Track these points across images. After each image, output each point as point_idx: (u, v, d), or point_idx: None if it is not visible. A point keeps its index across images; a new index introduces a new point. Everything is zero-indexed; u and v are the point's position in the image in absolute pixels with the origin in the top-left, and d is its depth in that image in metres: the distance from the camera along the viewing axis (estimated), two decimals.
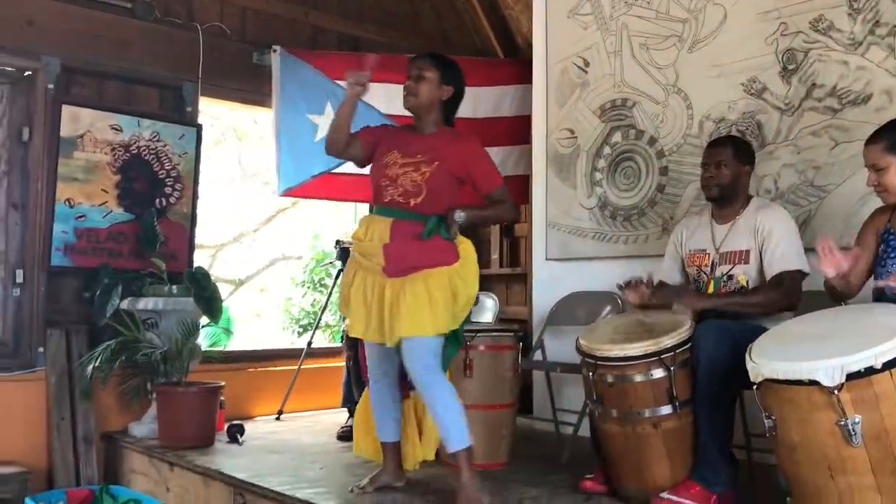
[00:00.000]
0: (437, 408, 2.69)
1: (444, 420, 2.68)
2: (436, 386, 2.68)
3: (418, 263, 2.70)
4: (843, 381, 2.04)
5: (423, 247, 2.72)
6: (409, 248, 2.72)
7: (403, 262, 2.71)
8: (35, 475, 3.71)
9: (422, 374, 2.67)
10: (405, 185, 2.76)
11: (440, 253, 2.72)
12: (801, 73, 3.40)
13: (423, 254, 2.71)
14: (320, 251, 9.03)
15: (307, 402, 4.78)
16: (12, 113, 3.94)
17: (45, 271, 3.97)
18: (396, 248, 2.72)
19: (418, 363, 2.66)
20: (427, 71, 2.79)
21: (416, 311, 2.64)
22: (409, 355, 2.67)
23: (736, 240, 2.94)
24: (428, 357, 2.68)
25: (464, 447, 2.65)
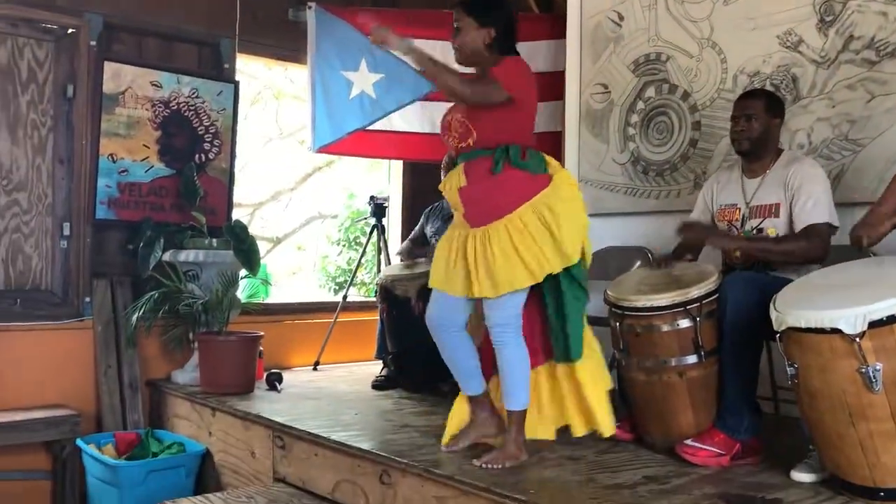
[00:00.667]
0: (506, 367, 2.64)
1: (509, 380, 2.64)
2: (510, 346, 2.62)
3: (498, 205, 2.56)
4: (865, 328, 2.08)
5: (500, 183, 2.58)
6: (484, 188, 2.60)
7: (481, 203, 2.60)
8: (85, 418, 3.88)
9: (500, 332, 2.61)
10: (456, 129, 2.67)
11: (519, 185, 2.58)
12: (838, 24, 3.36)
13: (500, 191, 2.57)
14: (355, 210, 9.14)
15: (342, 354, 4.90)
16: (57, 70, 4.05)
17: (91, 224, 4.11)
18: (472, 190, 2.63)
19: (500, 317, 2.59)
20: (460, 21, 2.68)
21: (506, 267, 2.51)
22: (492, 312, 2.60)
23: (766, 193, 2.95)
24: (507, 314, 2.60)
25: (520, 409, 2.65)
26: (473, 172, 2.64)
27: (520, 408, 2.65)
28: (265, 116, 9.74)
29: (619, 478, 2.48)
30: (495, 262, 2.53)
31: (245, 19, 4.56)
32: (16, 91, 3.94)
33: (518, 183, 2.59)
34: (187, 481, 3.63)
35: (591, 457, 2.75)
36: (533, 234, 2.54)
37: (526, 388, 2.65)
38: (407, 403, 3.74)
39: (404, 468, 2.63)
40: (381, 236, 4.91)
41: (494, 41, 2.67)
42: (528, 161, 2.61)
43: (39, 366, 3.90)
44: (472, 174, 2.64)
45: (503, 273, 2.53)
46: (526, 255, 2.53)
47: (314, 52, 4.68)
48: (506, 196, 2.58)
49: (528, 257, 2.53)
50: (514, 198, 2.57)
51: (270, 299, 5.95)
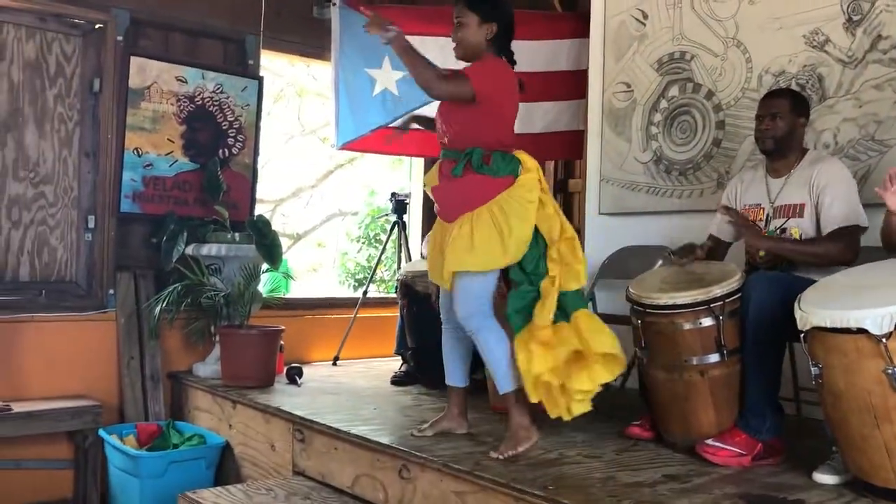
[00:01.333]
0: (485, 353, 2.74)
1: (492, 365, 2.74)
2: (482, 331, 2.70)
3: (458, 204, 2.71)
4: (892, 329, 2.06)
5: (460, 185, 2.71)
6: (449, 189, 2.76)
7: (448, 204, 2.77)
8: (107, 409, 3.92)
9: (467, 320, 2.70)
10: (440, 125, 2.80)
11: (478, 188, 2.68)
12: (866, 24, 3.33)
13: (460, 192, 2.71)
14: (376, 207, 9.16)
15: (362, 350, 4.92)
16: (84, 65, 4.09)
17: (115, 217, 4.15)
18: (441, 190, 2.80)
19: (462, 308, 2.70)
20: (463, 17, 2.75)
21: (455, 249, 2.66)
22: (455, 300, 2.71)
23: (790, 193, 2.93)
24: (472, 302, 2.68)
25: (511, 390, 2.70)
26: (443, 172, 2.79)
27: (510, 388, 2.70)
28: (288, 113, 9.79)
29: (640, 476, 2.47)
30: (449, 251, 2.68)
31: (270, 16, 4.59)
32: (44, 85, 3.99)
33: (477, 186, 2.68)
34: (207, 473, 3.66)
35: (611, 455, 2.74)
36: (479, 231, 2.64)
37: (510, 367, 2.69)
38: (426, 399, 3.75)
39: (423, 463, 2.64)
40: (402, 233, 4.92)
41: (496, 37, 2.76)
42: (491, 165, 2.68)
43: (63, 357, 3.95)
44: (442, 173, 2.80)
45: (451, 258, 2.67)
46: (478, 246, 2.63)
47: (338, 49, 4.68)
48: (465, 197, 2.70)
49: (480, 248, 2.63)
50: (472, 199, 2.68)
51: (290, 295, 5.98)
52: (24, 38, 3.93)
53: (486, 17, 2.74)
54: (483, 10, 2.75)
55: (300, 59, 5.38)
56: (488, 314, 2.72)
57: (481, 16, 2.74)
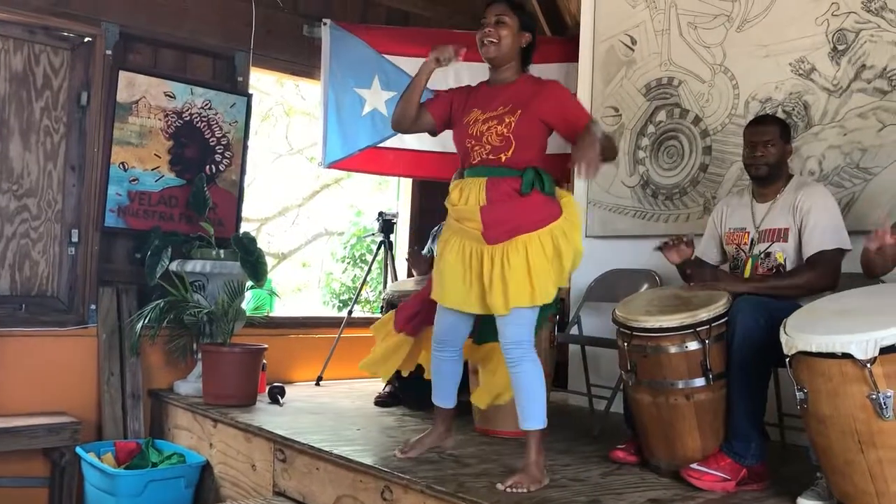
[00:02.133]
0: (523, 384, 2.60)
1: (528, 399, 2.61)
2: (524, 362, 2.59)
3: (519, 226, 2.56)
4: (877, 354, 2.06)
5: (523, 205, 2.57)
6: (508, 209, 2.57)
7: (503, 224, 2.57)
8: (85, 426, 3.86)
9: (513, 349, 2.58)
10: (492, 141, 2.60)
11: (541, 209, 2.58)
12: (850, 53, 3.37)
13: (523, 213, 2.57)
14: (361, 227, 9.15)
15: (346, 371, 4.87)
16: (72, 78, 4.08)
17: (99, 231, 4.12)
18: (494, 210, 2.58)
19: (516, 335, 2.57)
20: (506, 15, 2.64)
21: (521, 283, 2.52)
22: (505, 328, 2.58)
23: (775, 218, 2.95)
24: (523, 332, 2.58)
25: (539, 428, 2.60)
26: (499, 190, 2.60)
27: (538, 426, 2.60)
28: (275, 132, 9.79)
29: (624, 499, 2.45)
30: (512, 279, 2.53)
31: (260, 33, 4.60)
32: (30, 97, 3.97)
33: (541, 207, 2.60)
34: (186, 492, 3.60)
35: (596, 478, 2.72)
36: (548, 258, 2.56)
37: (544, 406, 2.61)
38: (410, 421, 3.72)
39: (406, 484, 2.61)
40: (389, 252, 4.91)
41: (526, 49, 2.71)
42: (549, 187, 2.63)
43: (42, 372, 3.89)
44: (495, 192, 2.60)
45: (517, 289, 2.53)
46: (540, 276, 2.54)
47: (328, 68, 4.71)
48: (529, 217, 2.57)
49: (542, 279, 2.55)
50: (536, 220, 2.58)
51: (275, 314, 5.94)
52: (12, 50, 3.91)
53: (525, 25, 2.69)
54: (523, 18, 2.70)
55: (289, 77, 5.39)
56: (533, 343, 2.63)
57: (522, 22, 2.68)
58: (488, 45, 2.64)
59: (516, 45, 2.67)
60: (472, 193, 2.62)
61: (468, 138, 2.68)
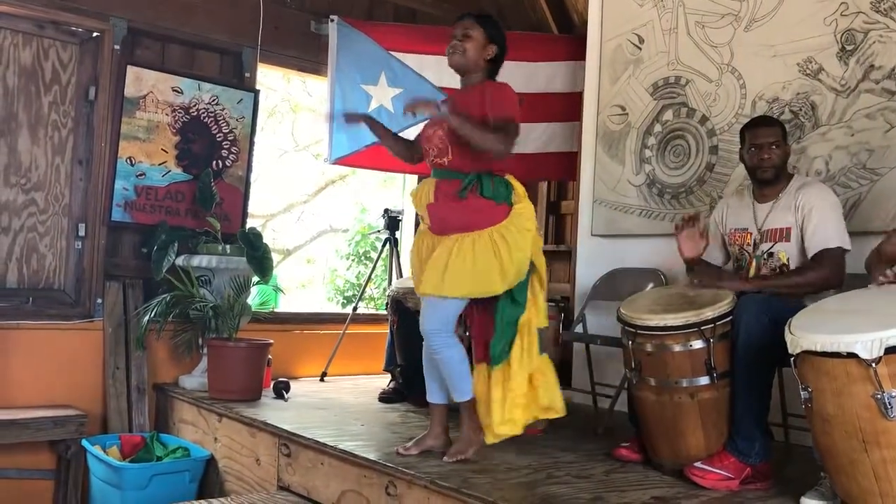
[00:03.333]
0: (446, 368, 2.79)
1: (454, 378, 2.80)
2: (444, 349, 2.75)
3: (457, 225, 2.75)
4: (882, 354, 2.06)
5: (463, 207, 2.76)
6: (450, 208, 2.79)
7: (444, 222, 2.79)
8: (91, 419, 3.88)
9: (430, 336, 2.76)
10: (436, 144, 2.83)
11: (479, 213, 2.74)
12: (859, 54, 3.37)
13: (462, 215, 2.76)
14: (366, 224, 9.16)
15: (350, 367, 4.89)
16: (80, 72, 4.09)
17: (106, 226, 4.13)
18: (437, 208, 2.82)
19: (430, 324, 2.75)
20: (472, 30, 2.83)
21: (433, 271, 2.71)
22: (423, 315, 2.78)
23: (777, 218, 2.95)
24: (437, 320, 2.75)
25: (467, 398, 2.81)
26: (442, 191, 2.82)
27: (467, 398, 2.82)
28: (281, 129, 9.81)
29: (627, 497, 2.45)
30: (429, 267, 2.74)
31: (267, 29, 4.61)
32: (38, 91, 3.98)
33: (480, 210, 2.75)
34: (191, 486, 3.61)
35: (600, 476, 2.72)
36: (479, 256, 2.70)
37: (467, 380, 2.81)
38: (414, 417, 3.73)
39: (410, 479, 2.62)
40: (394, 249, 4.92)
41: (493, 60, 2.87)
42: (494, 191, 2.76)
43: (48, 365, 3.91)
44: (440, 192, 2.83)
45: (429, 278, 2.73)
46: (454, 273, 2.69)
47: (335, 64, 4.71)
48: (467, 219, 2.75)
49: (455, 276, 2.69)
50: (474, 222, 2.74)
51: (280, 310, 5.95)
52: (21, 45, 3.93)
53: (491, 37, 2.86)
54: (489, 30, 2.86)
55: (296, 74, 5.40)
56: (452, 332, 2.80)
57: (487, 34, 2.85)
58: (451, 54, 2.86)
59: (481, 56, 2.85)
60: (424, 192, 2.89)
61: (424, 142, 2.93)
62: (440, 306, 2.75)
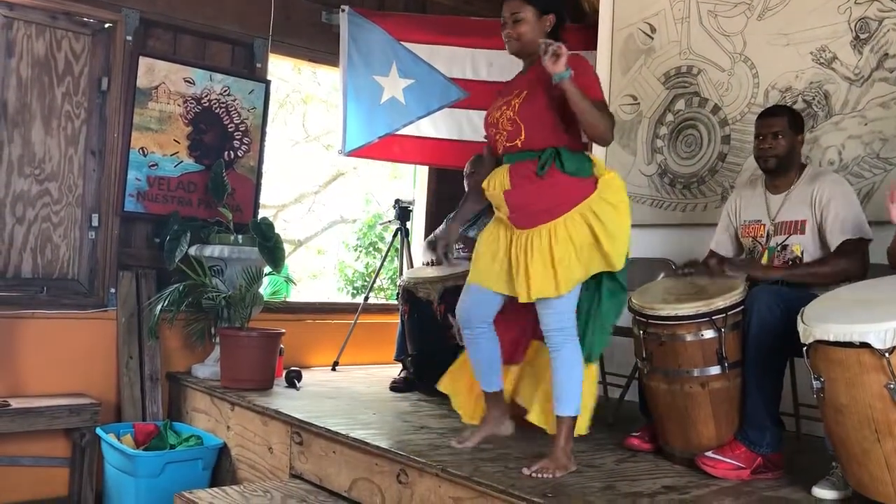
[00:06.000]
0: (561, 371, 2.59)
1: (562, 385, 2.59)
2: (564, 349, 2.58)
3: (542, 208, 2.53)
4: (895, 344, 2.05)
5: (545, 187, 2.53)
6: (531, 191, 2.55)
7: (526, 208, 2.56)
8: (105, 408, 3.92)
9: (553, 335, 2.58)
10: (505, 127, 2.61)
11: (564, 191, 2.53)
12: (873, 42, 3.34)
13: (546, 196, 2.53)
14: (372, 215, 9.17)
15: (361, 356, 4.91)
16: (93, 63, 4.11)
17: (119, 216, 4.15)
18: (517, 194, 2.57)
19: (555, 322, 2.57)
20: (521, 10, 2.59)
21: (541, 273, 2.50)
22: (542, 317, 2.59)
23: (791, 210, 2.93)
24: (559, 319, 2.57)
25: (571, 415, 2.60)
26: (518, 175, 2.58)
27: (572, 413, 2.59)
28: (292, 119, 9.81)
29: (638, 486, 2.46)
30: (534, 270, 2.51)
31: (279, 20, 4.61)
32: (52, 82, 4.00)
33: (564, 188, 2.54)
34: (204, 474, 3.65)
35: (611, 465, 2.73)
36: (576, 242, 2.51)
37: (579, 394, 2.59)
38: (425, 406, 3.75)
39: (422, 468, 2.63)
40: (405, 239, 4.93)
41: (556, 27, 2.64)
42: (577, 165, 2.55)
43: (62, 354, 3.94)
44: (516, 176, 2.59)
45: (539, 281, 2.51)
46: (564, 265, 2.50)
47: (346, 55, 4.71)
48: (551, 201, 2.53)
49: (566, 268, 2.50)
50: (559, 202, 2.53)
51: (291, 299, 5.98)
52: (34, 36, 3.95)
53: (544, 8, 2.62)
54: (540, 4, 2.62)
55: (308, 64, 5.40)
56: (574, 329, 2.61)
57: (539, 8, 2.61)
58: (509, 42, 2.66)
59: (539, 32, 2.61)
60: (498, 179, 2.64)
61: (489, 127, 2.73)
62: (560, 306, 2.56)
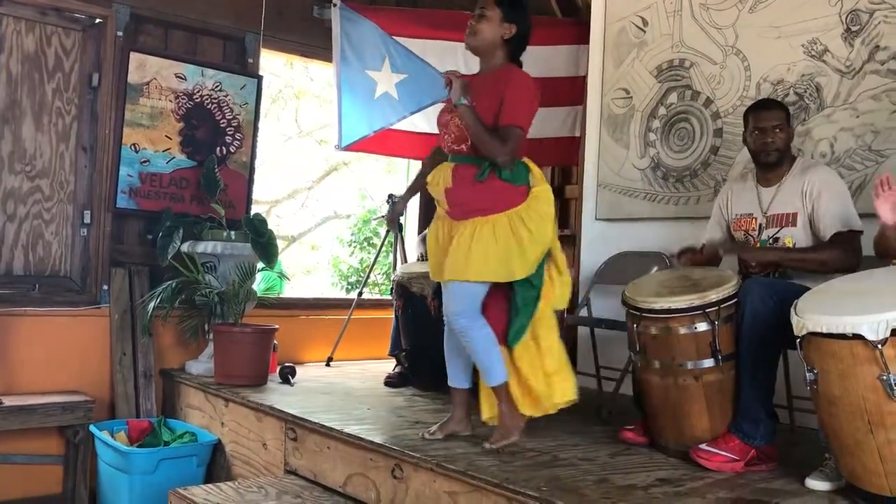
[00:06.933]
0: (474, 350, 2.76)
1: (483, 359, 2.76)
2: (470, 331, 2.72)
3: (476, 208, 2.71)
4: (888, 335, 2.06)
5: (482, 190, 2.72)
6: (468, 192, 2.74)
7: (463, 206, 2.75)
8: (99, 405, 3.90)
9: (455, 319, 2.72)
10: (453, 131, 2.80)
11: (499, 195, 2.71)
12: (864, 34, 3.35)
13: (481, 198, 2.71)
14: (366, 211, 9.17)
15: (355, 352, 4.91)
16: (83, 59, 4.08)
17: (111, 212, 4.14)
18: (456, 192, 2.77)
19: (451, 307, 2.72)
20: (488, 9, 2.76)
21: (456, 256, 2.68)
22: (446, 299, 2.75)
23: (782, 203, 2.93)
24: (461, 303, 2.71)
25: (500, 382, 2.77)
26: (460, 175, 2.77)
27: (500, 381, 2.78)
28: (285, 115, 9.79)
29: (633, 479, 2.47)
30: (452, 254, 2.70)
31: (270, 15, 4.59)
32: (42, 78, 3.98)
33: (498, 192, 2.72)
34: (198, 471, 3.64)
35: (605, 458, 2.74)
36: (499, 240, 2.68)
37: (499, 362, 2.76)
38: (419, 401, 3.75)
39: (416, 462, 2.63)
40: (399, 234, 4.92)
41: (512, 39, 2.79)
42: (513, 173, 2.73)
43: (55, 351, 3.93)
44: (458, 177, 2.77)
45: (453, 264, 2.69)
46: (478, 257, 2.66)
47: (339, 49, 4.70)
48: (486, 203, 2.71)
49: (480, 259, 2.66)
50: (493, 205, 2.71)
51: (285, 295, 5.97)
52: (24, 31, 3.92)
53: (509, 16, 2.77)
54: (507, 9, 2.77)
55: (300, 59, 5.38)
56: (478, 314, 2.75)
57: (504, 14, 2.76)
58: (467, 36, 2.81)
59: (496, 36, 2.77)
60: (442, 176, 2.83)
61: (440, 126, 2.90)
62: (464, 291, 2.70)
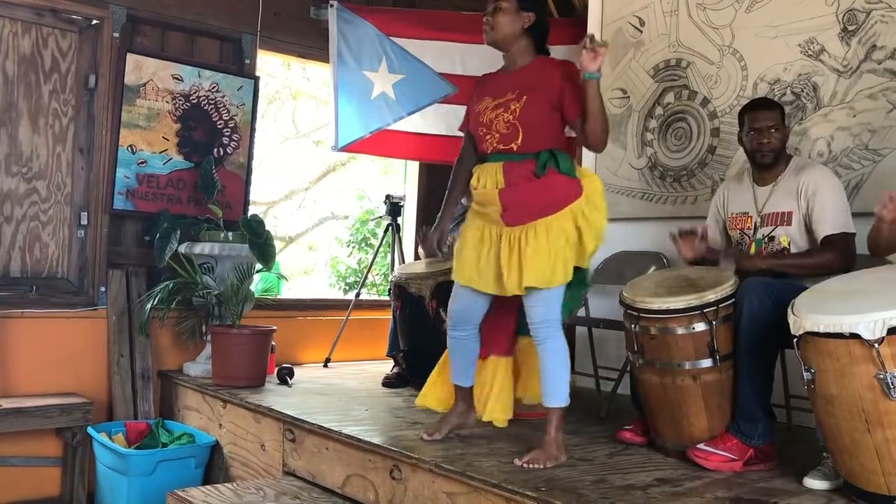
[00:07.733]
0: (549, 362, 2.65)
1: (551, 375, 2.65)
2: (551, 340, 2.63)
3: (538, 208, 2.60)
4: (884, 335, 2.06)
5: (541, 187, 2.61)
6: (526, 192, 2.61)
7: (522, 207, 2.61)
8: (96, 407, 3.89)
9: (540, 327, 2.63)
10: (500, 129, 2.65)
11: (560, 190, 2.61)
12: (861, 34, 3.35)
13: (541, 196, 2.60)
14: (366, 210, 9.16)
15: (353, 353, 4.91)
16: (80, 60, 4.08)
17: (108, 214, 4.13)
18: (514, 193, 2.63)
19: (542, 314, 2.62)
20: (503, 1, 2.67)
21: (536, 262, 2.56)
22: (530, 310, 2.64)
23: (778, 201, 2.94)
24: (548, 310, 2.62)
25: (561, 406, 2.65)
26: (514, 174, 2.64)
27: (561, 404, 2.65)
28: (282, 116, 9.79)
29: (631, 479, 2.47)
30: (530, 260, 2.57)
31: (267, 16, 4.59)
32: (38, 80, 3.97)
33: (560, 187, 2.62)
34: (196, 472, 3.64)
35: (603, 458, 2.74)
36: (568, 240, 2.60)
37: (567, 384, 2.66)
38: None
39: (415, 463, 2.63)
40: (396, 235, 4.92)
41: (531, 28, 2.70)
42: (568, 165, 2.64)
43: (53, 353, 3.92)
44: (511, 176, 2.64)
45: (533, 271, 2.56)
46: (558, 258, 2.58)
47: (335, 50, 4.69)
48: (547, 199, 2.61)
49: (560, 261, 2.58)
50: (554, 201, 2.60)
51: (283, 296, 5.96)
52: (20, 33, 3.91)
53: (524, 5, 2.69)
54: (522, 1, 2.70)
55: (297, 60, 5.38)
56: (559, 324, 2.66)
57: (519, 3, 2.68)
58: (485, 32, 2.72)
59: (516, 27, 2.69)
60: (490, 177, 2.68)
61: (480, 127, 2.74)
62: (550, 297, 2.61)
